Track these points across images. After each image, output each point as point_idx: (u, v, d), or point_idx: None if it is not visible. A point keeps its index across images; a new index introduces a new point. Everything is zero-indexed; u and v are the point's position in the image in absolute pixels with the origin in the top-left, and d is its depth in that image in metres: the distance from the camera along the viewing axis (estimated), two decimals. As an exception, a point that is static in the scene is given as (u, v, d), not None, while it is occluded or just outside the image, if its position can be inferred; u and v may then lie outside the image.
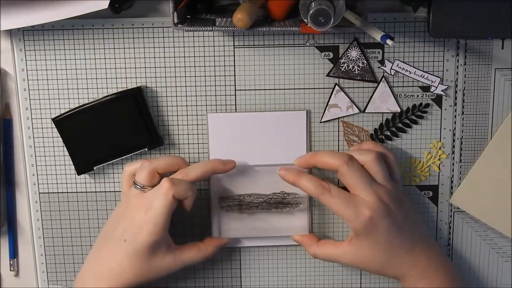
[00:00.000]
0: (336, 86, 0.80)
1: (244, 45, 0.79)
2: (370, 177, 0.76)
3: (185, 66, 0.80)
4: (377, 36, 0.68)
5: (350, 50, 0.79)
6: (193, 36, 0.79)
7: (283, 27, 0.73)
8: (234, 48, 0.79)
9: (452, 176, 0.83)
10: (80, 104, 0.80)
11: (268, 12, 0.76)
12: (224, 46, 0.79)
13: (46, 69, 0.80)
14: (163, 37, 0.79)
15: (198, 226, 0.83)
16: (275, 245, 0.84)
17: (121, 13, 0.76)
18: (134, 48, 0.79)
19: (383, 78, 0.80)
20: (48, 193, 0.83)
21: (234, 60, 0.79)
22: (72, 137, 0.80)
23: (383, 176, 0.76)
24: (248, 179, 0.81)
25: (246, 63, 0.80)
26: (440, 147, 0.82)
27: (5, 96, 0.81)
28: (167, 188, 0.74)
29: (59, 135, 0.80)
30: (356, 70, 0.80)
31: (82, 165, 0.81)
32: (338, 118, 0.81)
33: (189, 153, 0.82)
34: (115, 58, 0.79)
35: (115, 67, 0.79)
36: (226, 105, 0.81)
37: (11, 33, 0.79)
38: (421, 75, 0.80)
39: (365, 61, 0.79)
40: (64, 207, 0.83)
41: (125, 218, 0.76)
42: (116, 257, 0.75)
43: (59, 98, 0.80)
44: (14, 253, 0.85)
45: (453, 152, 0.82)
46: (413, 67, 0.79)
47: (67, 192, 0.83)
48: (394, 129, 0.81)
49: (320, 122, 0.81)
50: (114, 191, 0.83)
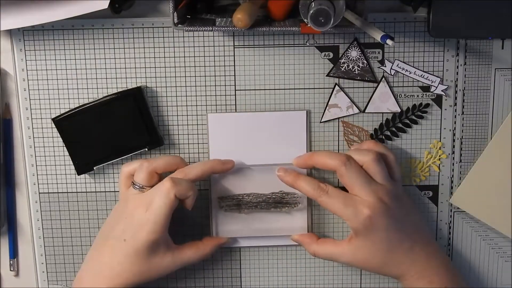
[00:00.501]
0: (336, 86, 0.80)
1: (244, 45, 0.79)
2: (369, 177, 0.76)
3: (185, 66, 0.80)
4: (377, 36, 0.68)
5: (350, 50, 0.79)
6: (193, 36, 0.79)
7: (283, 27, 0.73)
8: (234, 48, 0.79)
9: (452, 176, 0.83)
10: (80, 104, 0.80)
11: (268, 12, 0.76)
12: (224, 46, 0.79)
13: (46, 69, 0.80)
14: (163, 37, 0.79)
15: (198, 226, 0.83)
16: (275, 245, 0.84)
17: (121, 13, 0.76)
18: (134, 48, 0.79)
19: (383, 78, 0.80)
20: (48, 193, 0.83)
21: (234, 60, 0.79)
22: (72, 137, 0.80)
23: (382, 176, 0.76)
24: (247, 179, 0.81)
25: (246, 63, 0.80)
26: (440, 147, 0.82)
27: (5, 96, 0.81)
28: (169, 187, 0.74)
29: (59, 135, 0.80)
30: (356, 70, 0.80)
31: (82, 165, 0.81)
32: (338, 118, 0.81)
33: (189, 153, 0.82)
34: (115, 58, 0.79)
35: (115, 67, 0.79)
36: (226, 105, 0.81)
37: (11, 33, 0.79)
38: (421, 75, 0.80)
39: (365, 61, 0.79)
40: (64, 207, 0.83)
41: (124, 218, 0.76)
42: (116, 257, 0.75)
43: (59, 98, 0.80)
44: (14, 253, 0.85)
45: (453, 152, 0.82)
46: (413, 67, 0.79)
47: (67, 192, 0.83)
48: (394, 129, 0.81)
49: (320, 122, 0.81)
50: (114, 191, 0.83)
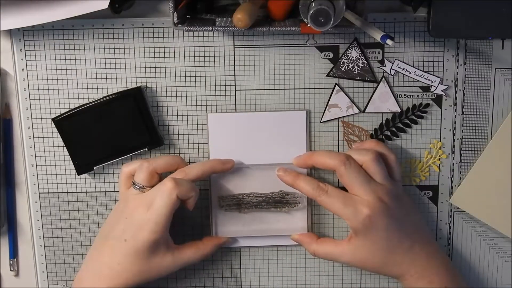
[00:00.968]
0: (336, 86, 0.80)
1: (244, 45, 0.79)
2: (369, 177, 0.76)
3: (185, 66, 0.80)
4: (377, 36, 0.68)
5: (350, 50, 0.79)
6: (193, 36, 0.79)
7: (283, 27, 0.73)
8: (234, 48, 0.79)
9: (452, 176, 0.83)
10: (80, 104, 0.80)
11: (268, 12, 0.76)
12: (224, 46, 0.79)
13: (46, 69, 0.80)
14: (163, 37, 0.79)
15: (198, 226, 0.83)
16: (275, 245, 0.84)
17: (121, 13, 0.76)
18: (134, 48, 0.79)
19: (383, 78, 0.80)
20: (48, 193, 0.83)
21: (234, 60, 0.79)
22: (72, 137, 0.80)
23: (382, 175, 0.76)
24: (247, 179, 0.81)
25: (246, 63, 0.80)
26: (440, 147, 0.82)
27: (5, 96, 0.81)
28: (172, 188, 0.74)
29: (59, 135, 0.80)
30: (356, 70, 0.80)
31: (82, 165, 0.81)
32: (338, 118, 0.81)
33: (189, 153, 0.82)
34: (115, 58, 0.79)
35: (115, 67, 0.79)
36: (226, 105, 0.81)
37: (11, 33, 0.79)
38: (421, 75, 0.80)
39: (365, 61, 0.79)
40: (64, 207, 0.83)
41: (125, 218, 0.76)
42: (116, 256, 0.75)
43: (59, 98, 0.80)
44: (14, 253, 0.85)
45: (453, 152, 0.82)
46: (413, 67, 0.79)
47: (67, 192, 0.83)
48: (394, 129, 0.81)
49: (320, 122, 0.81)
50: (114, 191, 0.83)
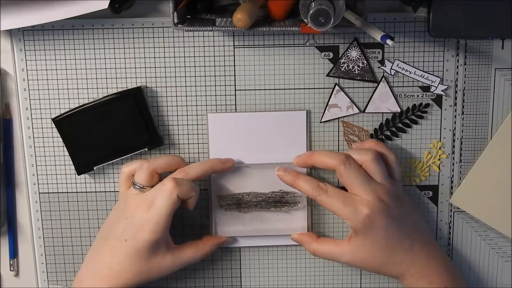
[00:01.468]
0: (336, 86, 0.80)
1: (244, 45, 0.79)
2: (368, 176, 0.76)
3: (185, 66, 0.80)
4: (377, 36, 0.68)
5: (350, 50, 0.79)
6: (193, 36, 0.79)
7: (283, 27, 0.73)
8: (234, 48, 0.79)
9: (452, 176, 0.83)
10: (80, 104, 0.80)
11: (268, 12, 0.76)
12: (224, 46, 0.79)
13: (46, 69, 0.80)
14: (163, 37, 0.79)
15: (198, 226, 0.83)
16: (275, 245, 0.84)
17: (121, 13, 0.76)
18: (134, 48, 0.79)
19: (383, 78, 0.80)
20: (48, 193, 0.83)
21: (234, 60, 0.79)
22: (72, 137, 0.80)
23: (382, 175, 0.76)
24: (247, 178, 0.81)
25: (246, 63, 0.80)
26: (440, 147, 0.82)
27: (5, 96, 0.81)
28: (172, 188, 0.74)
29: (59, 135, 0.80)
30: (356, 70, 0.80)
31: (82, 165, 0.81)
32: (338, 118, 0.81)
33: (189, 153, 0.82)
34: (115, 58, 0.79)
35: (115, 67, 0.79)
36: (226, 105, 0.81)
37: (11, 33, 0.79)
38: (421, 75, 0.80)
39: (365, 61, 0.79)
40: (64, 207, 0.83)
41: (125, 218, 0.76)
42: (116, 256, 0.75)
43: (59, 98, 0.80)
44: (14, 253, 0.85)
45: (453, 152, 0.82)
46: (413, 67, 0.79)
47: (67, 192, 0.83)
48: (394, 129, 0.81)
49: (320, 122, 0.81)
50: (114, 191, 0.83)
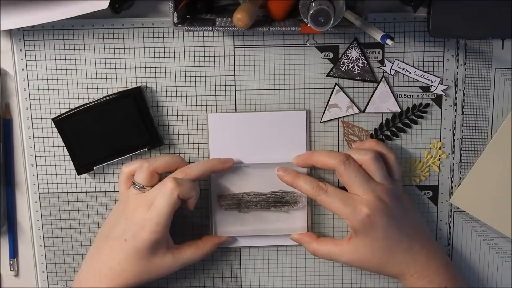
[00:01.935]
0: (336, 86, 0.80)
1: (244, 45, 0.79)
2: (368, 176, 0.76)
3: (185, 66, 0.80)
4: (377, 36, 0.68)
5: (350, 50, 0.79)
6: (193, 36, 0.79)
7: (283, 27, 0.73)
8: (234, 48, 0.79)
9: (452, 176, 0.83)
10: (80, 104, 0.80)
11: (268, 12, 0.76)
12: (224, 46, 0.79)
13: (46, 69, 0.80)
14: (163, 37, 0.79)
15: (198, 226, 0.83)
16: (275, 245, 0.84)
17: (121, 13, 0.76)
18: (134, 48, 0.79)
19: (383, 78, 0.80)
20: (48, 193, 0.83)
21: (234, 60, 0.79)
22: (72, 137, 0.80)
23: (381, 175, 0.76)
24: (247, 178, 0.81)
25: (246, 63, 0.80)
26: (440, 147, 0.82)
27: (5, 96, 0.81)
28: (173, 188, 0.74)
29: (59, 135, 0.80)
30: (356, 70, 0.80)
31: (82, 165, 0.81)
32: (338, 118, 0.81)
33: (189, 153, 0.82)
34: (115, 58, 0.79)
35: (115, 67, 0.79)
36: (226, 105, 0.81)
37: (11, 33, 0.79)
38: (421, 75, 0.80)
39: (365, 61, 0.79)
40: (64, 207, 0.83)
41: (125, 218, 0.76)
42: (116, 257, 0.75)
43: (59, 98, 0.80)
44: (14, 253, 0.85)
45: (453, 152, 0.82)
46: (413, 67, 0.79)
47: (67, 192, 0.83)
48: (394, 129, 0.81)
49: (320, 122, 0.81)
50: (114, 191, 0.83)
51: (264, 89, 0.80)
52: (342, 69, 0.80)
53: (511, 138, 0.80)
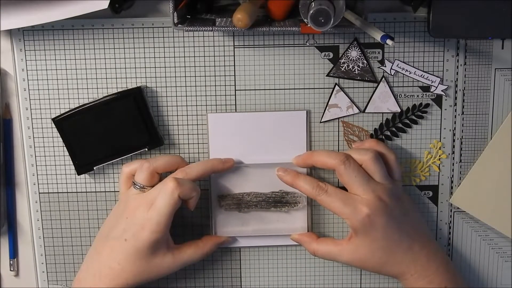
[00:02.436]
0: (336, 86, 0.80)
1: (244, 45, 0.79)
2: (368, 176, 0.76)
3: (185, 66, 0.80)
4: (377, 36, 0.68)
5: (350, 50, 0.79)
6: (193, 36, 0.79)
7: (283, 27, 0.73)
8: (234, 48, 0.79)
9: (452, 176, 0.83)
10: (80, 104, 0.80)
11: (268, 12, 0.76)
12: (224, 46, 0.79)
13: (46, 69, 0.80)
14: (163, 37, 0.79)
15: (198, 226, 0.83)
16: (275, 245, 0.84)
17: (121, 13, 0.76)
18: (134, 48, 0.79)
19: (383, 78, 0.80)
20: (48, 193, 0.83)
21: (234, 60, 0.79)
22: (72, 137, 0.80)
23: (381, 175, 0.76)
24: (247, 178, 0.82)
25: (246, 63, 0.80)
26: (440, 147, 0.82)
27: (5, 96, 0.81)
28: (174, 188, 0.74)
29: (59, 135, 0.80)
30: (356, 70, 0.80)
31: (82, 165, 0.81)
32: (338, 118, 0.81)
33: (189, 153, 0.82)
34: (115, 58, 0.79)
35: (115, 67, 0.79)
36: (226, 105, 0.81)
37: (11, 33, 0.79)
38: (421, 75, 0.80)
39: (365, 61, 0.79)
40: (64, 207, 0.83)
41: (125, 217, 0.76)
42: (116, 256, 0.75)
43: (59, 98, 0.80)
44: (14, 253, 0.85)
45: (453, 152, 0.82)
46: (413, 67, 0.79)
47: (67, 192, 0.83)
48: (394, 129, 0.81)
49: (320, 122, 0.81)
50: (114, 191, 0.83)
51: (264, 89, 0.80)
52: (342, 69, 0.80)
53: (511, 138, 0.80)
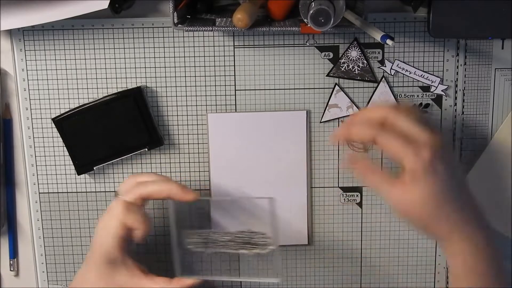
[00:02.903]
0: (336, 86, 0.80)
1: (244, 45, 0.79)
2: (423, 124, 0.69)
3: (185, 66, 0.80)
4: (377, 36, 0.68)
5: (350, 50, 0.79)
6: (193, 36, 0.79)
7: (283, 27, 0.73)
8: (234, 48, 0.79)
9: (452, 176, 0.83)
10: (80, 104, 0.80)
11: (268, 12, 0.76)
12: (224, 46, 0.79)
13: (46, 69, 0.80)
14: (163, 37, 0.79)
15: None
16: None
17: (121, 13, 0.76)
18: (134, 48, 0.79)
19: (383, 78, 0.80)
20: (48, 193, 0.83)
21: (234, 60, 0.79)
22: (72, 137, 0.80)
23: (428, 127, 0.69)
24: (214, 213, 0.79)
25: (246, 63, 0.80)
26: (440, 147, 0.82)
27: (5, 96, 0.81)
28: (119, 213, 0.71)
29: (59, 135, 0.80)
30: (356, 70, 0.80)
31: (82, 165, 0.81)
32: (338, 118, 0.81)
33: (189, 153, 0.82)
34: (115, 58, 0.79)
35: (115, 67, 0.79)
36: (226, 105, 0.81)
37: (11, 33, 0.79)
38: (421, 75, 0.80)
39: (365, 61, 0.79)
40: (64, 207, 0.83)
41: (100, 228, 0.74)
42: (86, 274, 0.74)
43: (59, 98, 0.80)
44: (14, 253, 0.85)
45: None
46: (413, 67, 0.79)
47: (67, 192, 0.83)
48: (394, 129, 0.81)
49: (320, 122, 0.81)
50: (114, 191, 0.83)
51: (264, 89, 0.80)
52: (342, 69, 0.80)
53: (511, 138, 0.80)
